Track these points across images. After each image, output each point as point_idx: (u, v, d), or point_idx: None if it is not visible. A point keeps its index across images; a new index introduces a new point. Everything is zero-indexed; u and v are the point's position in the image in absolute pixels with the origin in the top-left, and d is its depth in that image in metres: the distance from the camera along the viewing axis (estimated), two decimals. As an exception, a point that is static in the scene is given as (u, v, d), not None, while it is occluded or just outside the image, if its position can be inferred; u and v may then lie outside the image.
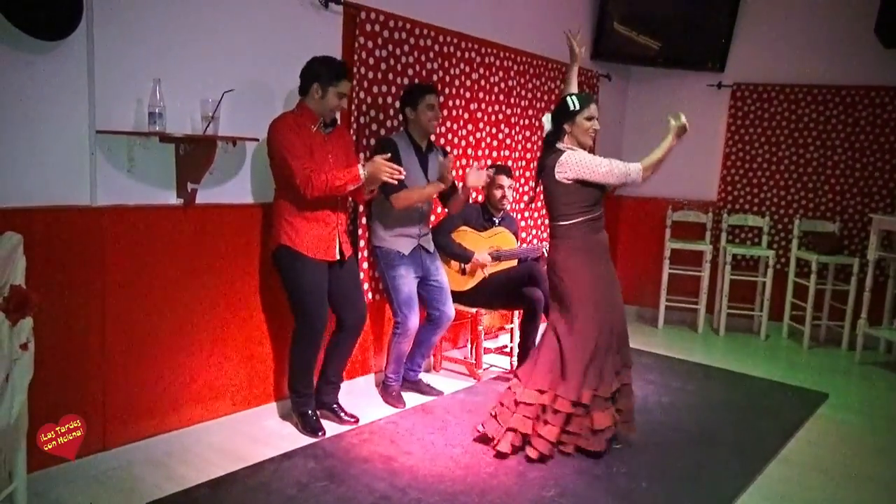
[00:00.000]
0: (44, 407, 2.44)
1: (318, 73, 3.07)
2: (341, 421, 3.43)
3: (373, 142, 3.70)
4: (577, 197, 3.13)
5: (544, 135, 3.29)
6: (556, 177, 3.11)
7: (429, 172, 3.65)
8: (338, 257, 3.25)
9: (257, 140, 3.17)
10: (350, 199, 3.43)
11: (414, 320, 3.68)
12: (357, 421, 3.46)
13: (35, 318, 2.15)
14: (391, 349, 3.77)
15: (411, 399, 3.84)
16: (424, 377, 4.05)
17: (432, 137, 3.75)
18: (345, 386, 3.78)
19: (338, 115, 3.29)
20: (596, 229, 3.20)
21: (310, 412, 3.35)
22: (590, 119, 3.17)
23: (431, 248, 3.80)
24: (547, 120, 3.27)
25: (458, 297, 4.22)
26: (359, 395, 3.83)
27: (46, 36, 2.48)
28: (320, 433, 3.28)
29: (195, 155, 2.91)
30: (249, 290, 3.30)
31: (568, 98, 3.18)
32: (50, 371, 2.54)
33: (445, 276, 3.86)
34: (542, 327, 3.58)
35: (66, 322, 2.66)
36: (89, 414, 2.76)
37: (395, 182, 3.11)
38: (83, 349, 2.74)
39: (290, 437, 3.27)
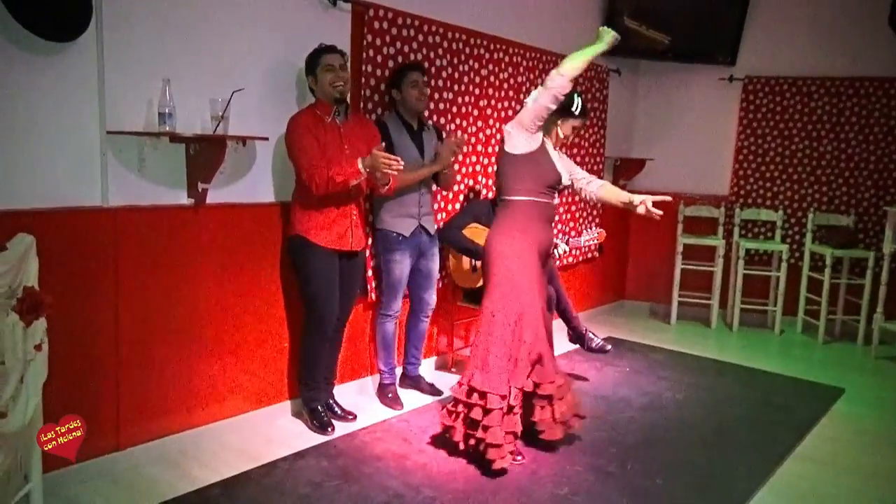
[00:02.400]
0: (58, 407, 2.44)
1: (307, 67, 3.15)
2: (339, 418, 3.44)
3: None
4: (525, 173, 3.01)
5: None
6: (505, 147, 3.04)
7: (425, 151, 3.64)
8: (350, 248, 3.25)
9: (267, 139, 3.17)
10: (370, 190, 3.41)
11: (396, 304, 3.71)
12: (355, 418, 3.47)
13: (48, 319, 2.16)
14: (377, 333, 3.78)
15: (423, 397, 3.83)
16: (436, 377, 4.05)
17: (440, 119, 3.72)
18: (353, 385, 3.80)
19: (353, 103, 3.28)
20: (542, 217, 3.05)
21: (319, 408, 3.36)
22: (576, 130, 3.17)
23: (433, 230, 3.78)
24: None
25: (469, 294, 4.21)
26: (368, 395, 3.83)
27: (56, 38, 2.49)
28: (330, 429, 3.29)
29: (205, 155, 2.91)
30: (261, 289, 3.30)
31: (577, 97, 3.10)
32: (63, 372, 2.55)
33: (437, 264, 3.86)
34: (552, 323, 3.54)
35: (79, 323, 2.67)
36: (103, 414, 2.79)
37: (395, 173, 3.08)
38: (96, 350, 2.75)
39: (303, 436, 3.27)
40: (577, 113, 3.11)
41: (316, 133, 3.08)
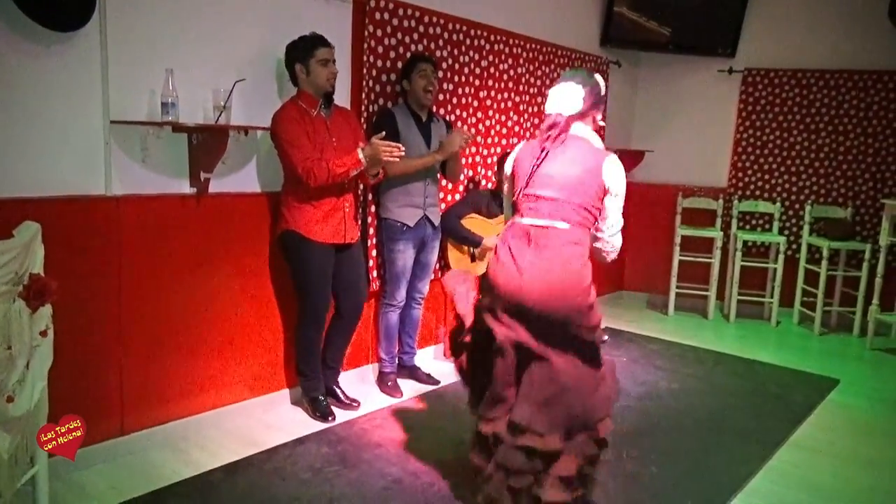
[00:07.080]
0: (63, 392, 2.49)
1: (294, 54, 3.11)
2: (342, 405, 3.48)
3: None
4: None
5: (563, 111, 2.39)
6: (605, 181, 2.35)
7: (431, 143, 3.66)
8: (345, 240, 3.28)
9: (269, 129, 3.19)
10: (358, 182, 3.45)
11: (400, 294, 3.75)
12: (359, 405, 3.50)
13: (54, 305, 2.18)
14: (379, 322, 3.83)
15: (421, 386, 3.88)
16: (432, 366, 4.08)
17: (440, 110, 3.72)
18: (353, 373, 3.84)
19: (345, 101, 3.30)
20: None
21: (320, 397, 3.40)
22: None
23: (437, 221, 3.81)
24: (576, 92, 2.40)
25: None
26: (367, 383, 3.88)
27: (60, 27, 2.51)
28: (330, 418, 3.33)
29: (208, 144, 2.94)
30: (262, 277, 3.34)
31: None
32: (68, 358, 2.58)
33: (435, 256, 3.89)
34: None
35: (83, 309, 2.71)
36: (107, 400, 2.83)
37: (396, 160, 3.11)
38: (100, 336, 2.79)
39: (303, 423, 3.31)
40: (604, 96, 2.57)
41: (304, 126, 3.08)
